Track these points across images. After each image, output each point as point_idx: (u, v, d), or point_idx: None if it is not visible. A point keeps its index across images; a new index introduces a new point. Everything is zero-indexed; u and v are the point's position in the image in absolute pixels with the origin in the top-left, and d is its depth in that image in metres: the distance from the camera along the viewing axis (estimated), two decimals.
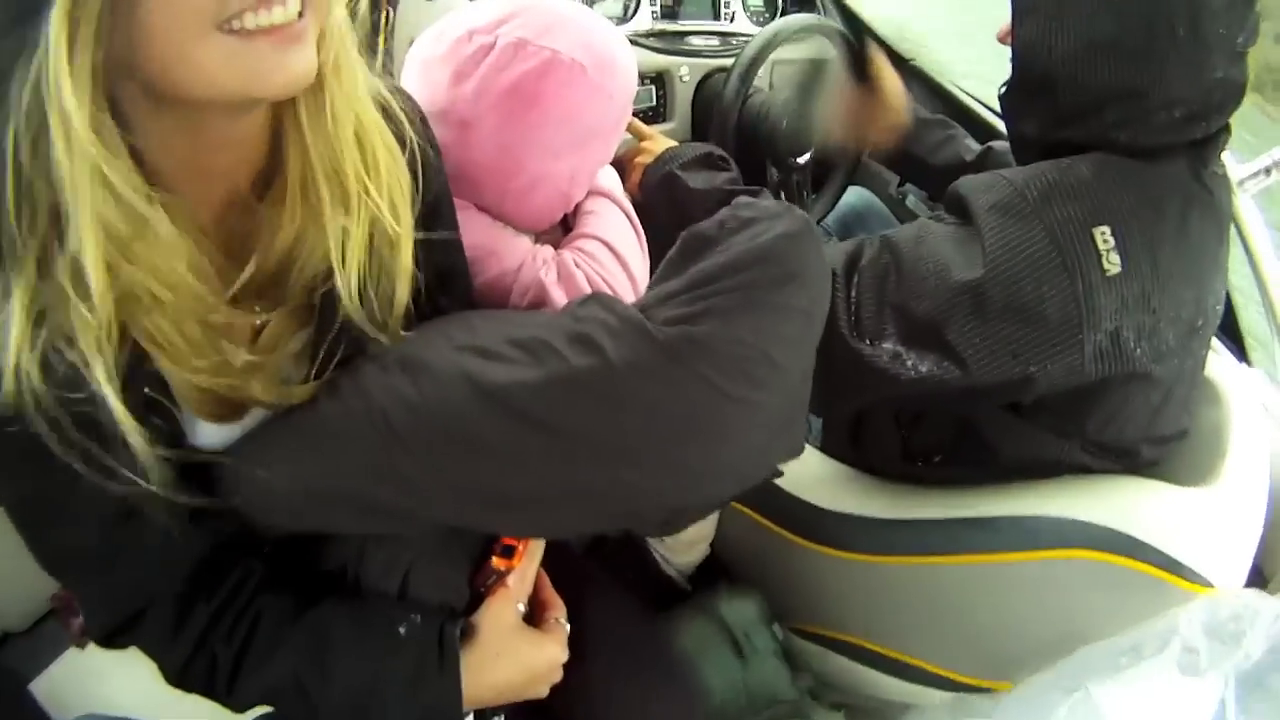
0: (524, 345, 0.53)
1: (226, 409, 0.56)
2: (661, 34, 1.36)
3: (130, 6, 0.39)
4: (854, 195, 1.59)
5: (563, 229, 0.85)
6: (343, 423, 0.54)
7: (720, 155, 1.05)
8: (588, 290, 0.76)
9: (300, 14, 0.44)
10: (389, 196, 0.55)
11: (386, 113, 0.57)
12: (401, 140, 0.57)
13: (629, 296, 0.79)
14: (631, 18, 1.34)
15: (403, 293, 0.58)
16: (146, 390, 0.49)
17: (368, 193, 0.53)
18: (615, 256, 0.81)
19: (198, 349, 0.49)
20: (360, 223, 0.53)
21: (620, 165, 1.04)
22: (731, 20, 1.46)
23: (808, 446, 0.81)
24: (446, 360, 0.53)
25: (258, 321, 0.55)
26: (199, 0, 0.40)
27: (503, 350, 0.53)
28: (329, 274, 0.54)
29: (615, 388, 0.51)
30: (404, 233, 0.57)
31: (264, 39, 0.43)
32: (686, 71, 1.35)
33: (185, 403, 0.53)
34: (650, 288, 0.58)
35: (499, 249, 0.76)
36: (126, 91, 0.44)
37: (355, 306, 0.55)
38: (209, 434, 0.56)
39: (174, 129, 0.47)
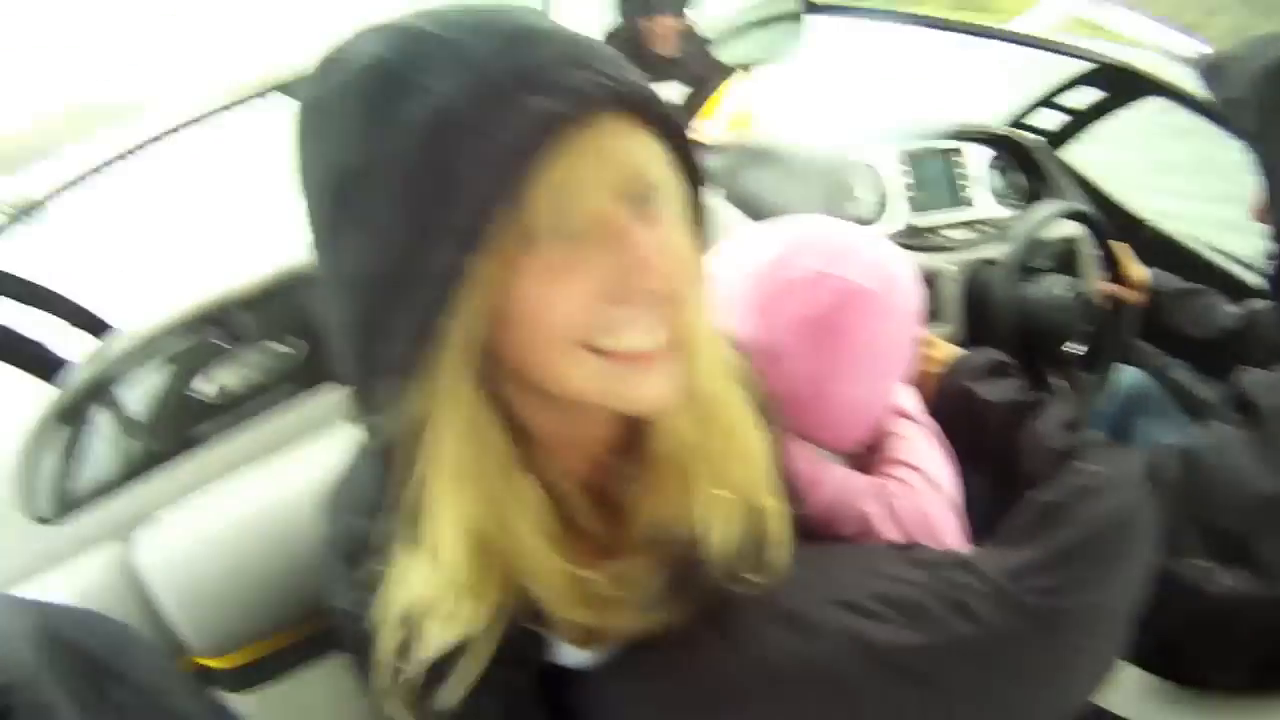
0: (899, 606, 0.57)
1: (589, 637, 0.57)
2: (915, 230, 1.41)
3: (508, 323, 0.44)
4: (1126, 376, 1.53)
5: (867, 449, 0.87)
6: (719, 669, 0.56)
7: (1007, 362, 1.03)
8: (908, 523, 0.77)
9: (663, 337, 0.47)
10: (753, 464, 0.57)
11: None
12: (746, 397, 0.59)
13: (947, 523, 0.81)
14: (883, 216, 1.41)
15: (772, 556, 0.58)
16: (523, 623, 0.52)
17: (732, 464, 0.56)
18: (929, 483, 0.81)
19: (562, 593, 0.52)
20: (726, 494, 0.55)
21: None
22: (971, 204, 1.48)
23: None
24: (828, 617, 0.58)
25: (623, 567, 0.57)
26: (568, 321, 0.44)
27: (879, 609, 0.57)
28: (695, 539, 0.55)
29: (992, 653, 0.56)
30: (771, 501, 0.58)
31: (624, 362, 0.46)
32: (953, 268, 1.36)
33: (553, 629, 0.55)
34: (1001, 545, 0.63)
35: (820, 479, 0.79)
36: (500, 372, 0.47)
37: (721, 563, 0.56)
38: (572, 656, 0.60)
39: (541, 405, 0.51)
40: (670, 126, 0.47)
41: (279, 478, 1.01)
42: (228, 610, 0.98)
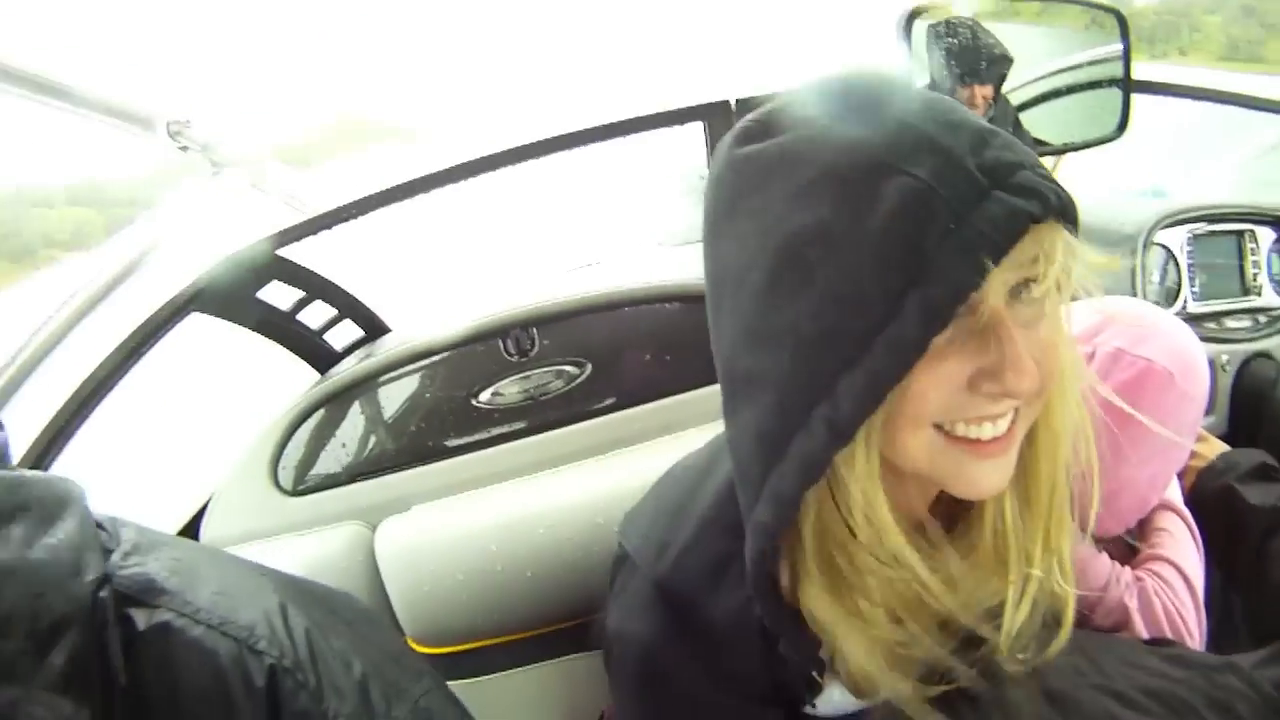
0: (1165, 702, 0.54)
1: (866, 688, 0.60)
2: (1199, 317, 1.35)
3: (892, 400, 0.45)
4: None
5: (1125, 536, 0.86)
6: None
7: (1275, 466, 0.98)
8: (1164, 621, 0.77)
9: (1009, 428, 0.48)
10: (1062, 549, 0.57)
11: None
12: None
13: (1195, 624, 0.80)
14: (1174, 302, 1.35)
15: (1052, 638, 0.57)
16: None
17: (1044, 547, 0.56)
18: (1187, 585, 0.80)
19: (870, 645, 0.54)
20: (1035, 573, 0.56)
21: None
22: (1260, 293, 1.39)
23: None
24: (1095, 704, 0.55)
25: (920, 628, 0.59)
26: (934, 402, 0.46)
27: (1144, 703, 0.55)
28: (993, 612, 0.56)
29: None
30: (1067, 586, 0.57)
31: (966, 447, 0.48)
32: (1227, 358, 1.31)
33: (836, 675, 0.59)
34: (1267, 654, 0.59)
35: (1085, 566, 0.77)
36: None
37: (1009, 639, 0.56)
38: (835, 703, 0.63)
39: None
40: (1074, 225, 0.48)
41: (527, 497, 1.07)
42: (446, 610, 1.05)
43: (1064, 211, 0.45)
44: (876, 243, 0.42)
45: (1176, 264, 1.37)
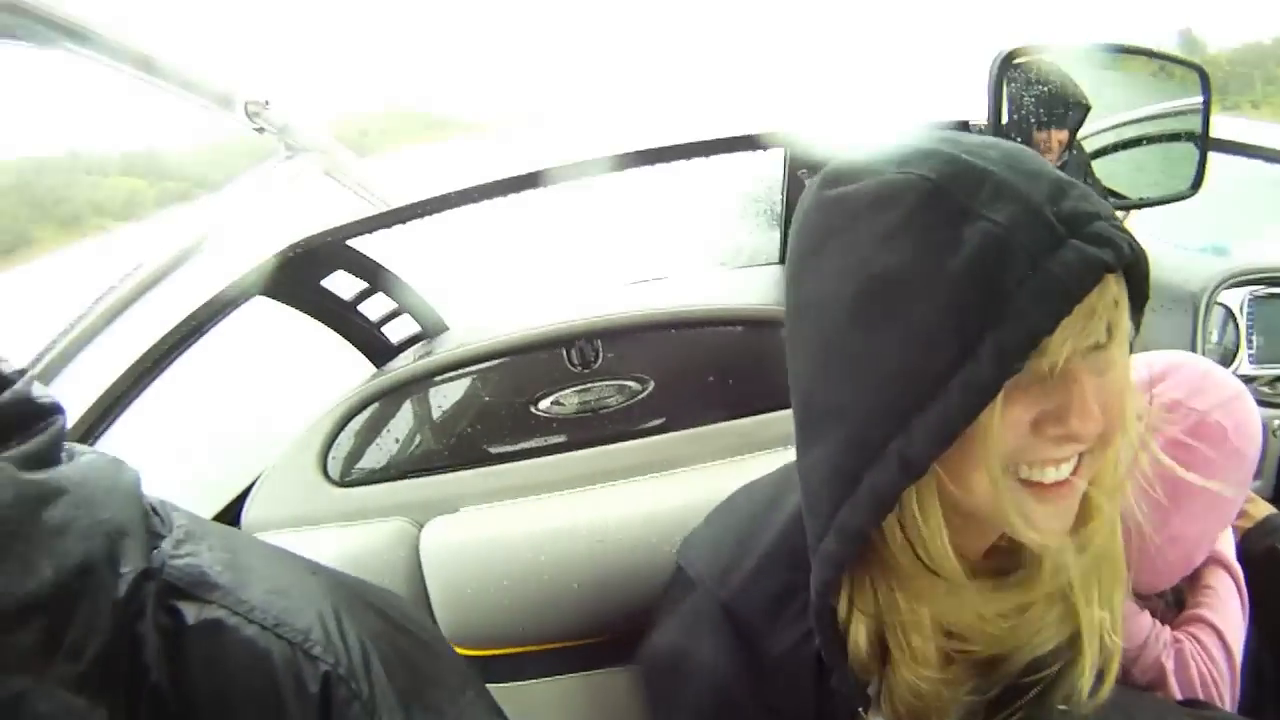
0: None
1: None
2: (1255, 379, 1.32)
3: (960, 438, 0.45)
4: None
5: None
6: None
7: None
8: (1198, 686, 0.78)
9: (1073, 474, 0.49)
10: (1115, 602, 0.57)
11: None
12: None
13: (1229, 686, 0.80)
14: (1231, 362, 1.32)
15: (1099, 698, 0.57)
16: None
17: (1098, 599, 0.56)
18: (1225, 651, 0.80)
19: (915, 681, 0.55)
20: (1087, 625, 0.55)
21: None
22: None
23: None
24: None
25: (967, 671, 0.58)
26: (999, 444, 0.47)
27: None
28: (1041, 660, 0.56)
29: None
30: (1116, 640, 0.57)
31: (1030, 490, 0.49)
32: (1279, 423, 1.29)
33: (879, 709, 0.58)
34: None
35: (1127, 622, 0.77)
36: None
37: (1053, 689, 0.56)
38: None
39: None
40: (1141, 274, 0.49)
41: (579, 509, 1.05)
42: (486, 613, 1.04)
43: (1136, 264, 0.47)
44: (956, 285, 0.44)
45: (1236, 324, 1.35)
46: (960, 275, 0.44)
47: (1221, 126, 1.20)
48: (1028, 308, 0.42)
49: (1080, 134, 1.24)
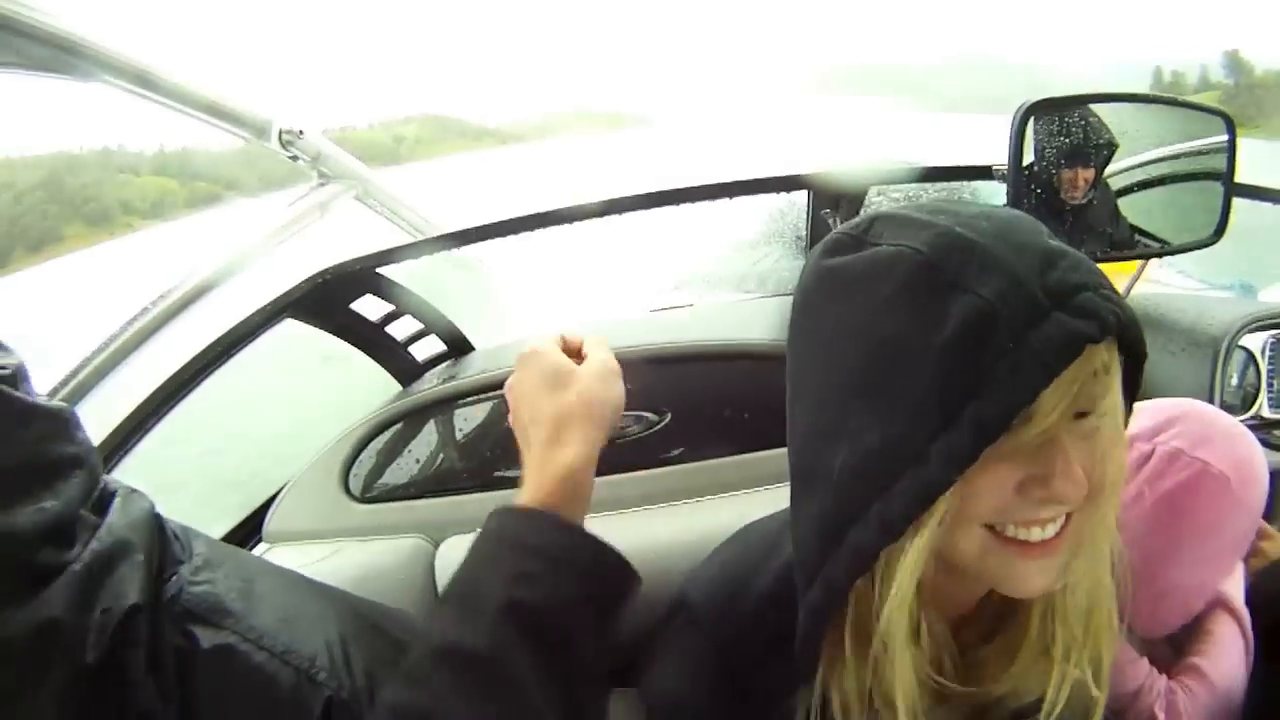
0: None
1: None
2: (1273, 424, 1.31)
3: (946, 498, 0.47)
4: None
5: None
6: None
7: None
8: None
9: (1059, 532, 0.50)
10: (1102, 655, 0.58)
11: None
12: None
13: None
14: (1251, 406, 1.31)
15: None
16: None
17: (1083, 649, 0.57)
18: (1215, 698, 0.81)
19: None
20: (1073, 674, 0.56)
21: None
22: None
23: None
24: None
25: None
26: (984, 504, 0.49)
27: None
28: (1027, 708, 0.57)
29: None
30: (1101, 693, 0.58)
31: (1015, 548, 0.50)
32: None
33: None
34: None
35: (1123, 668, 0.78)
36: None
37: None
38: None
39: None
40: (1135, 337, 0.49)
41: None
42: None
43: (1124, 332, 0.48)
44: (941, 357, 0.45)
45: (1257, 367, 1.34)
46: (946, 347, 0.45)
47: (1261, 151, 1.19)
48: (1007, 380, 0.44)
49: (1107, 171, 1.24)
